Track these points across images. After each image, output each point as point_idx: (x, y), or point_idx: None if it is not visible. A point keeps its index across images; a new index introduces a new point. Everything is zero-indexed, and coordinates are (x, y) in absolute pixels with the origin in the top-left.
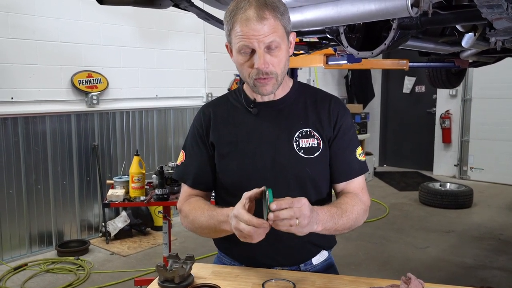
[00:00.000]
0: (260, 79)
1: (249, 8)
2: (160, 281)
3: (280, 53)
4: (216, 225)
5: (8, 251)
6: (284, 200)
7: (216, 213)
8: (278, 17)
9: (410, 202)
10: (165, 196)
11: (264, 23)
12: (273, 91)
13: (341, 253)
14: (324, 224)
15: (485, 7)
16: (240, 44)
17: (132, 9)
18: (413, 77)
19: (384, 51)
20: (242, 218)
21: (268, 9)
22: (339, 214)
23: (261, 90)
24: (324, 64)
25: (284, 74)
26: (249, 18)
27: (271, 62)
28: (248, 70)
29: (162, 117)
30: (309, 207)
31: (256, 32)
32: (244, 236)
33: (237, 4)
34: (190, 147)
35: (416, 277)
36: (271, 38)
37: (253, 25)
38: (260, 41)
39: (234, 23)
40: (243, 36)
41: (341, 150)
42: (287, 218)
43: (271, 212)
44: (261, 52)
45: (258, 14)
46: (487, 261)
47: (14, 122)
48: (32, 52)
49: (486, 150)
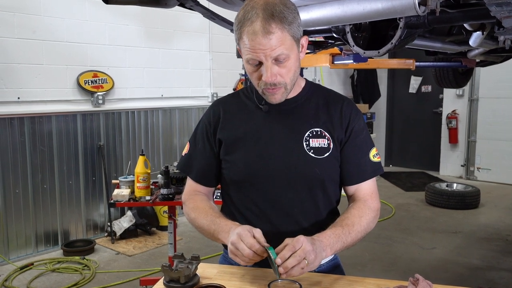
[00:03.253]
0: (268, 89)
1: (256, 20)
2: (166, 281)
3: (289, 63)
4: (215, 231)
5: (14, 251)
6: (285, 249)
7: (219, 220)
8: (285, 28)
9: (417, 203)
10: (171, 196)
11: (270, 37)
12: (282, 99)
13: (346, 253)
14: (332, 248)
15: (494, 5)
16: (248, 56)
17: (138, 9)
18: (419, 76)
19: (390, 50)
20: (246, 239)
21: (275, 21)
22: (346, 233)
23: (270, 99)
24: (330, 63)
25: (294, 81)
26: (256, 32)
27: (279, 73)
28: (256, 80)
29: (168, 117)
30: (310, 241)
31: (263, 46)
32: (235, 254)
33: (245, 14)
34: (196, 141)
35: (424, 278)
36: (278, 51)
37: (259, 39)
38: (267, 55)
39: (242, 34)
40: (250, 49)
41: (353, 153)
42: (296, 265)
43: (279, 266)
44: (268, 65)
45: (264, 28)
46: (495, 262)
47: (21, 122)
48: (38, 52)
49: (493, 150)
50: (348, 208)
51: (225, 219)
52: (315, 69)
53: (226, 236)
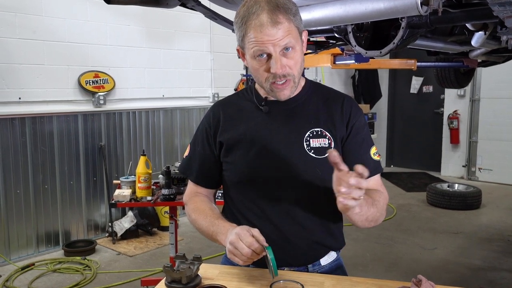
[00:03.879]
0: (277, 84)
1: (262, 12)
2: (167, 281)
3: (296, 54)
4: (214, 233)
5: (15, 251)
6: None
7: (217, 222)
8: (291, 18)
9: (418, 203)
10: (172, 196)
11: (278, 27)
12: (290, 95)
13: (348, 254)
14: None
15: (497, 4)
16: (255, 49)
17: (139, 9)
18: (421, 77)
19: (392, 51)
20: (245, 239)
21: (281, 12)
22: (370, 203)
23: (278, 95)
24: (331, 63)
25: (300, 74)
26: (263, 23)
27: (288, 64)
28: (264, 74)
29: (169, 117)
30: None
31: (272, 37)
32: (234, 254)
33: (248, 9)
34: (196, 143)
35: (426, 279)
36: (286, 40)
37: (267, 30)
38: (275, 45)
39: (247, 29)
40: (257, 41)
41: (355, 149)
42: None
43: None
44: (277, 56)
45: (271, 18)
46: (496, 262)
47: (22, 122)
48: (39, 53)
49: (495, 151)
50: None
51: (224, 221)
52: (316, 69)
53: (223, 238)
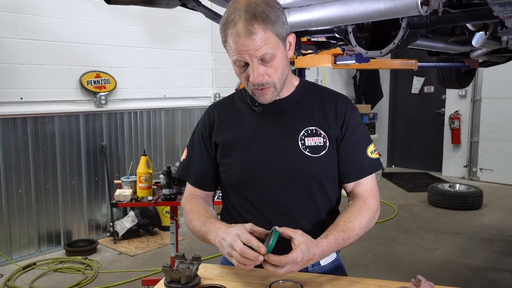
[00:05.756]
0: (257, 89)
1: (239, 21)
2: (166, 281)
3: (276, 62)
4: (205, 232)
5: (17, 250)
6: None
7: (209, 221)
8: (268, 27)
9: (419, 203)
10: (173, 196)
11: (253, 38)
12: (272, 99)
13: (348, 254)
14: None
15: (497, 5)
16: (234, 58)
17: (140, 9)
18: (422, 77)
19: (393, 51)
20: (242, 236)
21: (257, 21)
22: (345, 238)
23: (260, 99)
24: (332, 64)
25: (283, 80)
26: (239, 33)
27: (266, 72)
28: (245, 81)
29: (170, 117)
30: (306, 253)
31: (247, 48)
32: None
33: (228, 16)
34: (193, 146)
35: (426, 279)
36: (263, 51)
37: (242, 40)
38: (252, 55)
39: (226, 37)
40: (235, 51)
41: (350, 150)
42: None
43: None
44: (254, 66)
45: (246, 28)
46: (497, 263)
47: (23, 122)
48: (41, 53)
49: (496, 151)
50: (348, 206)
51: (216, 220)
52: (317, 69)
53: (213, 236)
